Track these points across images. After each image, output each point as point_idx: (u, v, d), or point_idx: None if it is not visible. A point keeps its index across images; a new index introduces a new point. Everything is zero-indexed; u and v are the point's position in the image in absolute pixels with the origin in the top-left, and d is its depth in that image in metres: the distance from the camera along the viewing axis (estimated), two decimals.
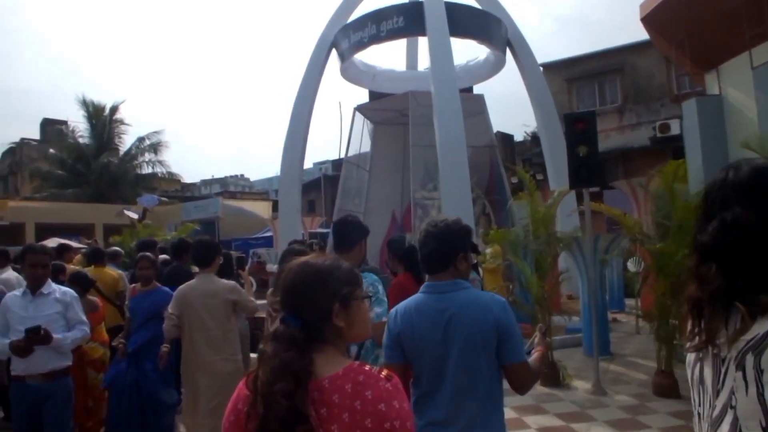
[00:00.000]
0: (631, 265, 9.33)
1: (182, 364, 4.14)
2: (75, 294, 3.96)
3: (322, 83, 14.58)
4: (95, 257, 6.46)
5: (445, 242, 2.21)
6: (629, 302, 12.35)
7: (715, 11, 11.35)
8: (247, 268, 6.64)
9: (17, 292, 3.79)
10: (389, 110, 14.58)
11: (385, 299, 3.01)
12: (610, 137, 20.63)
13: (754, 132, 10.63)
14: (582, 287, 7.82)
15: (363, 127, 15.31)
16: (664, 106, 19.62)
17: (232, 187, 43.99)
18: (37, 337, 3.37)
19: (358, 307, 1.45)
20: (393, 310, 2.33)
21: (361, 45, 12.82)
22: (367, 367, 1.35)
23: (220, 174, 57.44)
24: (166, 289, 4.66)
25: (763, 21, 10.26)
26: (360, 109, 14.84)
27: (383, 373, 1.34)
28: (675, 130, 18.89)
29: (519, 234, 7.30)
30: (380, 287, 2.99)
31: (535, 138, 25.04)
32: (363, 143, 15.65)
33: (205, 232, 18.15)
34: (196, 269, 4.36)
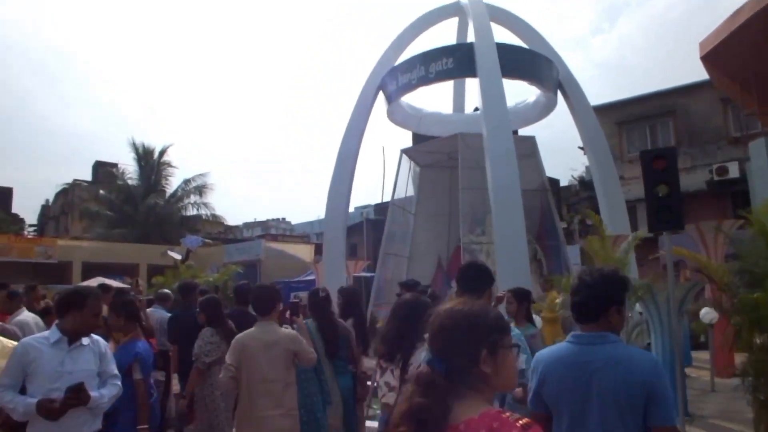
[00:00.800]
0: (705, 316, 8.61)
1: (237, 419, 3.85)
2: (106, 343, 3.43)
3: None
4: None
5: (598, 292, 2.16)
6: (695, 355, 11.50)
7: None
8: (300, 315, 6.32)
9: (43, 339, 3.09)
10: (436, 153, 14.32)
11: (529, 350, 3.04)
12: None
13: None
14: (655, 341, 7.17)
15: (409, 170, 15.06)
16: (721, 149, 18.86)
17: (273, 230, 44.27)
18: (77, 397, 2.89)
19: (505, 355, 1.42)
20: (536, 357, 2.34)
21: (410, 87, 12.66)
22: (505, 414, 1.32)
23: (261, 217, 58.03)
24: (142, 342, 4.30)
25: None
26: (407, 151, 14.65)
27: (521, 421, 1.30)
28: (733, 173, 18.08)
29: None
30: (522, 338, 3.07)
31: (582, 182, 24.41)
32: (408, 187, 15.39)
33: (247, 274, 17.99)
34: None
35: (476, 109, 17.52)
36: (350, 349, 4.99)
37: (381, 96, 13.99)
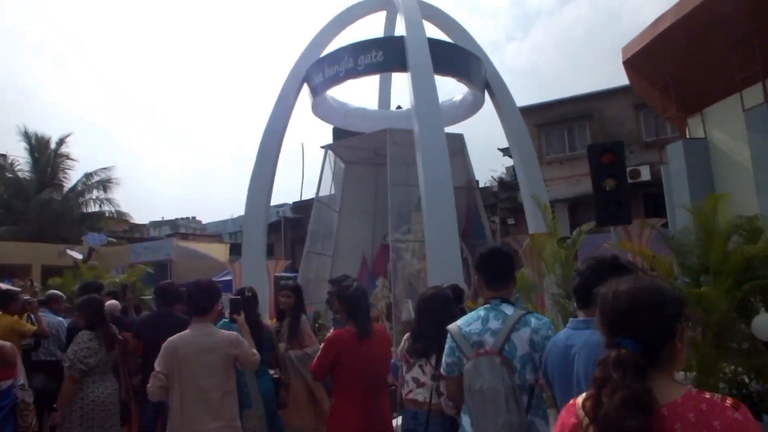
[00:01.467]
0: None
1: None
2: None
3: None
4: None
5: (588, 279, 2.25)
6: None
7: (701, 54, 11.21)
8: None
9: None
10: (362, 149, 13.87)
11: None
12: (581, 182, 20.48)
13: (744, 174, 10.38)
14: None
15: (333, 166, 14.52)
16: (633, 153, 19.63)
17: (183, 229, 42.16)
18: None
19: (685, 329, 1.40)
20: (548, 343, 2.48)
21: (337, 79, 12.10)
22: (707, 395, 1.28)
23: (169, 216, 55.20)
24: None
25: (754, 63, 10.11)
26: (331, 147, 14.09)
27: (729, 400, 1.26)
28: (645, 176, 18.88)
29: (529, 278, 6.52)
30: None
31: (501, 183, 24.81)
32: (332, 184, 14.85)
33: (157, 275, 16.75)
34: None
35: (399, 107, 17.27)
36: (274, 352, 4.77)
37: (303, 90, 13.34)
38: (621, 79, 13.65)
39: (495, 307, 2.67)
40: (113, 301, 6.32)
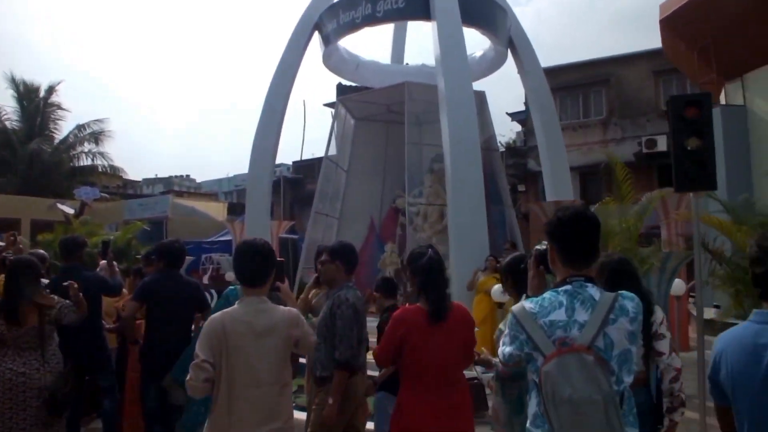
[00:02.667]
0: (675, 288, 8.03)
1: None
2: None
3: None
4: None
5: None
6: None
7: (748, 16, 10.42)
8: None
9: None
10: (376, 104, 13.03)
11: None
12: (593, 151, 19.77)
13: None
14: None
15: (344, 123, 13.70)
16: (650, 122, 18.92)
17: (177, 188, 41.21)
18: None
19: None
20: (717, 338, 2.00)
21: (353, 26, 11.20)
22: None
23: (163, 173, 54.06)
24: None
25: None
26: (344, 100, 13.23)
27: None
28: (662, 146, 18.15)
29: None
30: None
31: (509, 149, 24.05)
32: (340, 142, 14.03)
33: (152, 233, 16.02)
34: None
35: (423, 65, 16.33)
36: None
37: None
38: (626, 46, 12.87)
39: (579, 289, 1.98)
40: (102, 262, 5.51)
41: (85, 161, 25.72)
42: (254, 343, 2.51)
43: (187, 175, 51.96)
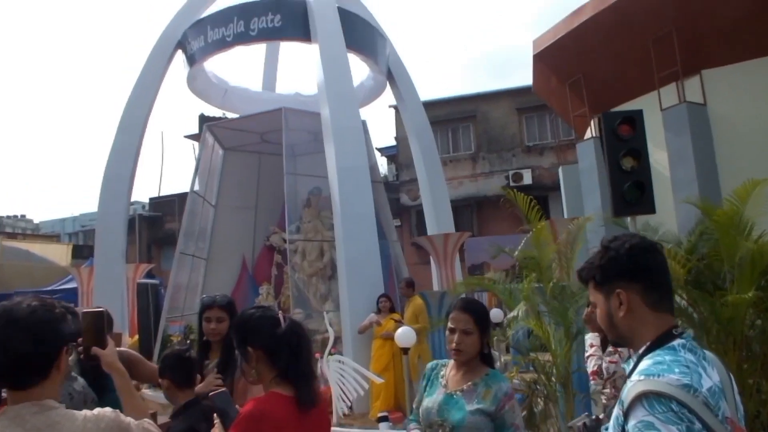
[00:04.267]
0: None
1: None
2: None
3: None
4: None
5: None
6: None
7: (615, 51, 10.93)
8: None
9: None
10: (248, 131, 11.99)
11: None
12: (464, 185, 20.11)
13: (657, 175, 10.14)
14: None
15: (212, 153, 12.44)
16: (516, 156, 19.65)
17: (9, 229, 36.16)
18: None
19: None
20: None
21: (224, 45, 10.18)
22: None
23: None
24: None
25: (673, 62, 9.91)
26: (212, 127, 12.01)
27: None
28: (527, 180, 18.90)
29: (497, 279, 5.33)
30: None
31: (385, 184, 23.86)
32: (209, 173, 12.73)
33: None
34: None
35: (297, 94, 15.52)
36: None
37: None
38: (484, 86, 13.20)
39: (691, 342, 1.43)
40: None
41: None
42: None
43: (23, 215, 46.02)
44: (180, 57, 11.33)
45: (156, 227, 23.52)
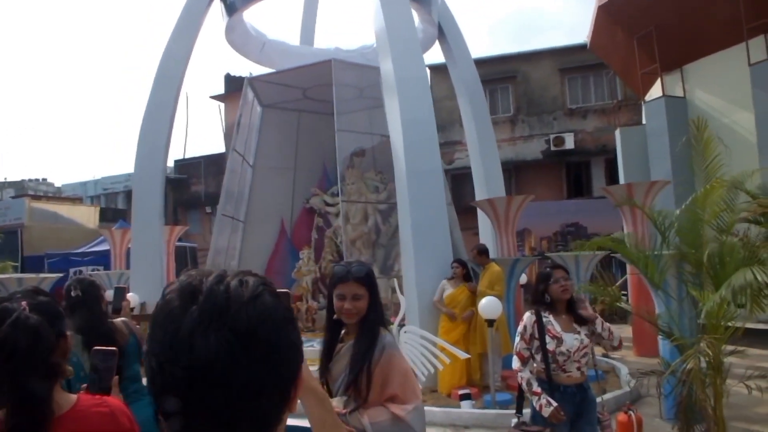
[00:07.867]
0: None
1: None
2: None
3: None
4: None
5: None
6: None
7: (691, 4, 10.02)
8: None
9: None
10: (289, 87, 11.30)
11: None
12: (502, 148, 19.24)
13: (731, 135, 9.33)
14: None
15: (251, 110, 11.78)
16: (557, 119, 18.76)
17: (32, 192, 35.94)
18: None
19: None
20: None
21: None
22: None
23: (13, 177, 47.17)
24: None
25: (763, 13, 8.99)
26: (253, 81, 11.33)
27: None
28: (569, 144, 18.05)
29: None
30: None
31: None
32: (247, 132, 12.10)
33: (5, 243, 13.04)
34: None
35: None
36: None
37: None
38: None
39: None
40: None
41: None
42: None
43: (44, 179, 45.80)
44: (217, 7, 10.60)
45: (181, 189, 23.03)
